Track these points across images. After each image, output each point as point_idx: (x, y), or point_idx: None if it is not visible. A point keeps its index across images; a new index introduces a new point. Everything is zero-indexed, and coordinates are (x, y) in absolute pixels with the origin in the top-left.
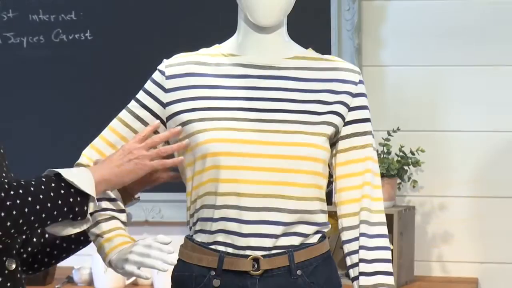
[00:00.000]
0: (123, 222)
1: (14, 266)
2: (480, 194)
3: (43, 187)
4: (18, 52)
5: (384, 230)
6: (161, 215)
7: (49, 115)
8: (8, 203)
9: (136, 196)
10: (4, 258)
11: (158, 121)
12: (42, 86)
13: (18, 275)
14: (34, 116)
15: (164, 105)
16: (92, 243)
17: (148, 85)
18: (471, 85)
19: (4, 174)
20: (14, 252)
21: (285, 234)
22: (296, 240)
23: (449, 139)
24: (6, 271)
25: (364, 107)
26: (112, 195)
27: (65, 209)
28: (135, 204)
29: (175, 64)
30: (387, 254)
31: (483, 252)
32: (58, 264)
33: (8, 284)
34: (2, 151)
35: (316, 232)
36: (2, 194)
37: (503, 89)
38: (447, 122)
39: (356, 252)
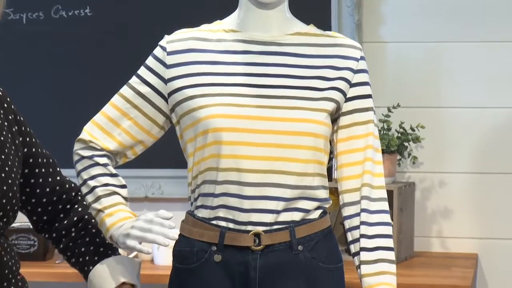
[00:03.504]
0: (124, 198)
1: None
2: (480, 170)
3: None
4: (18, 28)
5: (385, 205)
6: (161, 191)
7: (49, 91)
8: None
9: None
10: None
11: None
12: (42, 62)
13: (5, 259)
14: (34, 92)
15: (165, 81)
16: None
17: (149, 61)
18: (471, 61)
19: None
20: None
21: (286, 210)
22: (297, 216)
23: (450, 115)
24: None
25: (365, 83)
26: (113, 170)
27: None
28: (135, 180)
29: (177, 40)
30: (388, 230)
31: (483, 228)
32: None
33: None
34: (29, 129)
35: (317, 208)
36: None
37: (504, 65)
38: (447, 99)
39: (357, 227)
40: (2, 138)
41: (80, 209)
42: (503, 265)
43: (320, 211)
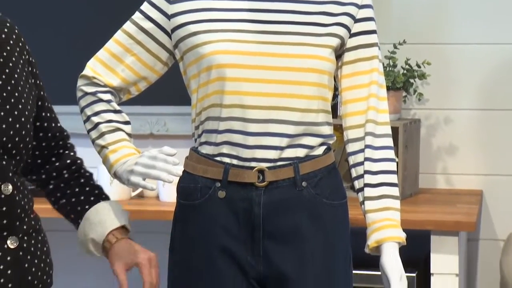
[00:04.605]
0: (128, 134)
1: (10, 189)
2: (485, 106)
3: None
4: None
5: (389, 142)
6: (166, 128)
7: (53, 26)
8: None
9: None
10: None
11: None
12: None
13: (17, 198)
14: (37, 28)
15: (168, 16)
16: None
17: None
18: None
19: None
20: (10, 174)
21: (290, 146)
22: (301, 152)
23: (455, 51)
24: (3, 196)
25: (370, 19)
26: (117, 107)
27: None
28: (140, 117)
29: None
30: (392, 166)
31: (488, 164)
32: None
33: (4, 209)
34: (38, 72)
35: (322, 144)
36: None
37: (511, 0)
38: (453, 35)
39: (361, 163)
40: (16, 76)
41: (72, 153)
42: (507, 202)
43: (324, 147)
